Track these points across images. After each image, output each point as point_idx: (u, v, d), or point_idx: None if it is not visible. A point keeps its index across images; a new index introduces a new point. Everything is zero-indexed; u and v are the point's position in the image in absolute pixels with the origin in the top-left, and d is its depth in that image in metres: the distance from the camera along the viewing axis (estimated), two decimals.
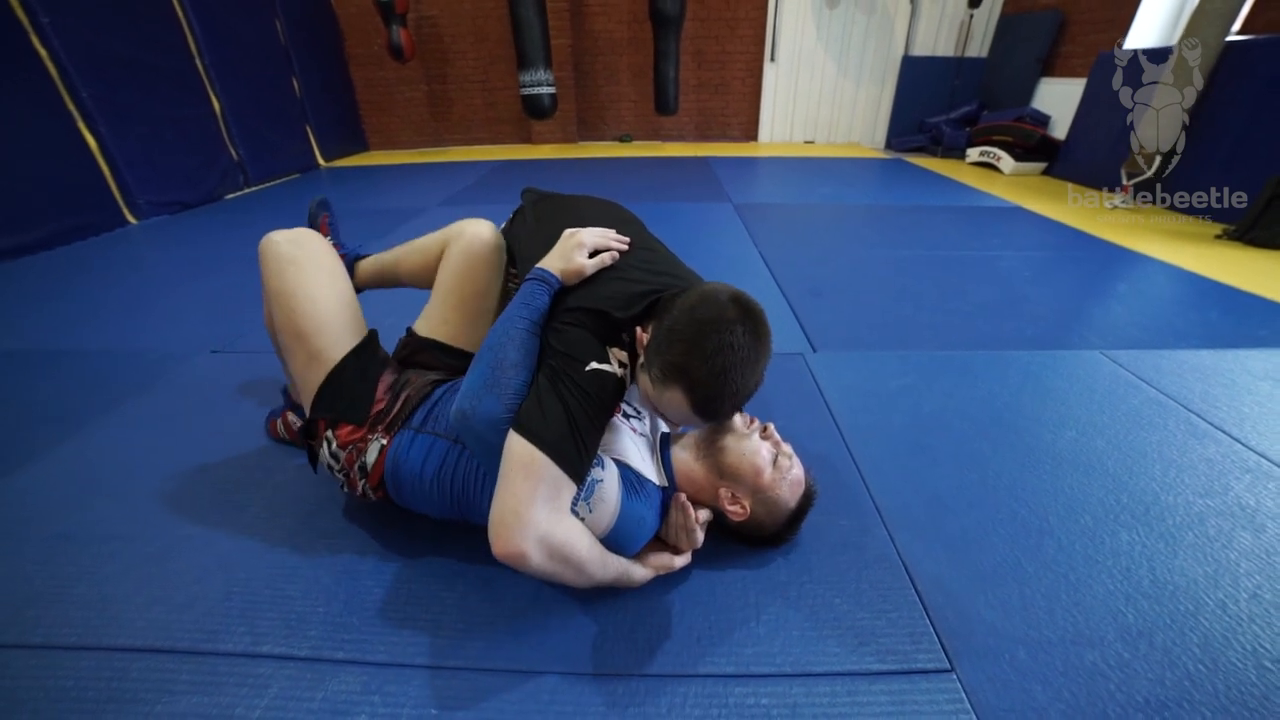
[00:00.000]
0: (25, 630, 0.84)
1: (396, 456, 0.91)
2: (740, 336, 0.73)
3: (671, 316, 0.77)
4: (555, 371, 0.78)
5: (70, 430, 1.33)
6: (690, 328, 0.74)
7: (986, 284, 2.22)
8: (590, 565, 0.78)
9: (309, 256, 0.98)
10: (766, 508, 0.91)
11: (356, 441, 0.94)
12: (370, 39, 5.45)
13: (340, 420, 0.94)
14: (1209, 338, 1.77)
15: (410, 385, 0.99)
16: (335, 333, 0.96)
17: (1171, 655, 0.80)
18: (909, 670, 0.79)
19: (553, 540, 0.74)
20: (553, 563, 0.75)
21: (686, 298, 0.78)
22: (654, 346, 0.77)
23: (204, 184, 3.64)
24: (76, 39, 2.82)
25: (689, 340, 0.73)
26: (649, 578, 0.88)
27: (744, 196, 3.69)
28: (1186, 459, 1.22)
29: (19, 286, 2.27)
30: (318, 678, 0.77)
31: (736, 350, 0.73)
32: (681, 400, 0.76)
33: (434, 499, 0.92)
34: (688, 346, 0.73)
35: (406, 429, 0.93)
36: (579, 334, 0.81)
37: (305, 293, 0.95)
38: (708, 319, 0.74)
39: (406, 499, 0.94)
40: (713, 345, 0.72)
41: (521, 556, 0.72)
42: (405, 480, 0.91)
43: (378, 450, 0.92)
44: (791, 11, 5.55)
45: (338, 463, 0.95)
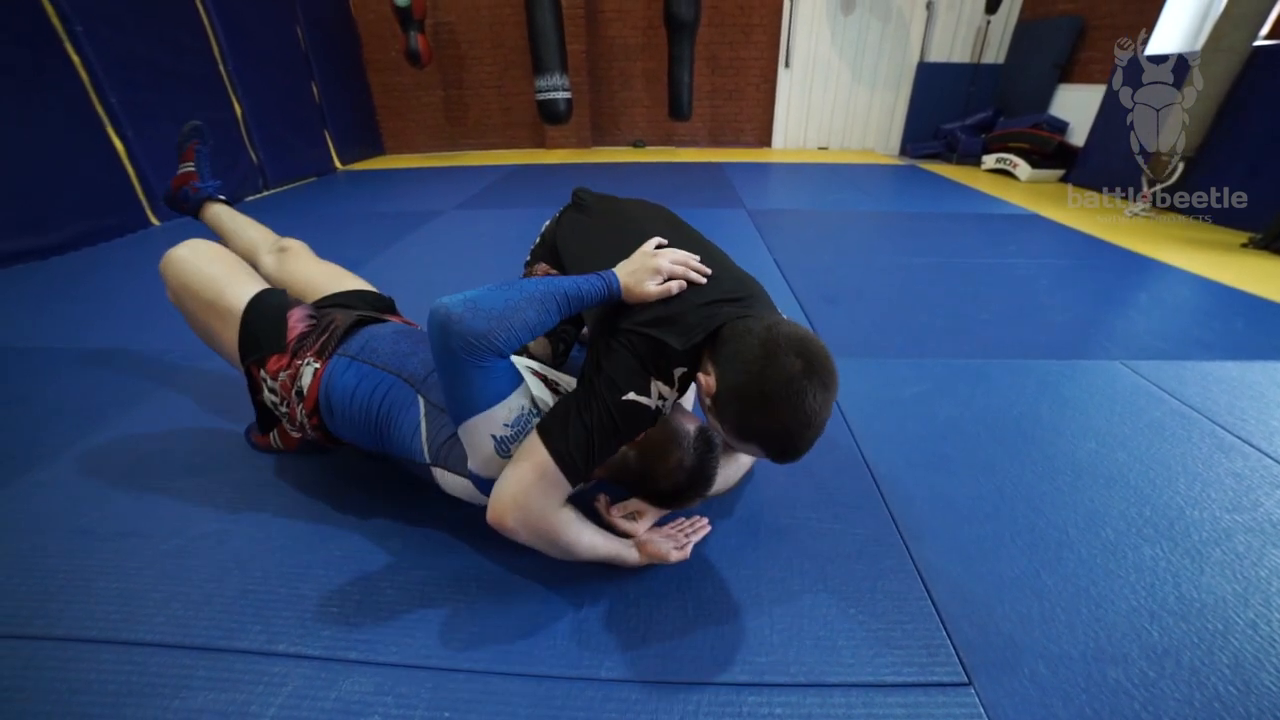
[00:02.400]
0: (49, 623, 0.85)
1: (330, 380, 0.98)
2: (811, 398, 0.72)
3: (738, 376, 0.74)
4: (593, 392, 0.80)
5: (91, 427, 1.36)
6: (764, 387, 0.72)
7: (1003, 292, 2.19)
8: (576, 549, 0.86)
9: (194, 248, 1.07)
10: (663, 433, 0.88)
11: (286, 368, 1.00)
12: (388, 45, 5.53)
13: (265, 355, 1.01)
14: (1235, 349, 1.73)
15: (336, 318, 1.07)
16: (236, 287, 1.05)
17: (1200, 675, 0.78)
18: (926, 683, 0.78)
19: (540, 526, 0.82)
20: (538, 539, 0.84)
21: (749, 347, 0.74)
22: (724, 406, 0.76)
23: (224, 186, 3.69)
24: (108, 46, 2.90)
25: (764, 401, 0.73)
26: (640, 562, 0.92)
27: (758, 202, 3.68)
28: (1213, 473, 1.19)
29: (46, 286, 2.32)
30: (331, 677, 0.78)
31: (808, 407, 0.72)
32: (761, 453, 0.78)
33: (360, 426, 0.97)
34: (764, 407, 0.73)
35: (342, 356, 1.00)
36: (627, 360, 0.80)
37: (199, 271, 1.04)
38: (779, 377, 0.72)
39: (338, 425, 0.99)
40: (789, 407, 0.72)
41: (510, 531, 0.81)
42: (337, 404, 0.97)
43: (311, 374, 0.99)
44: (806, 18, 5.55)
45: (276, 395, 1.01)
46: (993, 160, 4.74)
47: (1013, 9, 5.29)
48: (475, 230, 3.06)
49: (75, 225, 2.77)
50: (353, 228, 3.17)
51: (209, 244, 1.10)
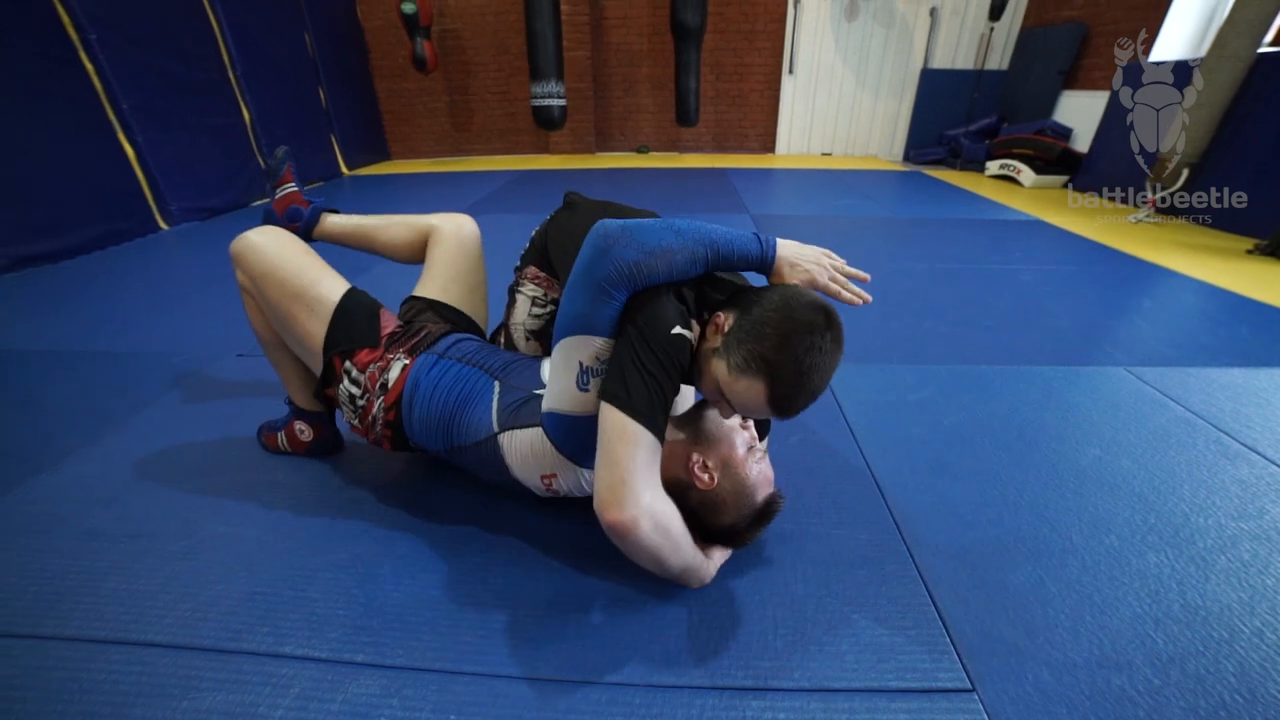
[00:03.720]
0: (60, 623, 0.86)
1: (418, 374, 0.99)
2: (827, 342, 0.76)
3: (762, 310, 0.78)
4: (639, 338, 0.79)
5: (100, 430, 1.37)
6: (785, 324, 0.76)
7: (1007, 298, 2.19)
8: (683, 543, 0.83)
9: (278, 237, 1.05)
10: (732, 485, 0.88)
11: (377, 361, 1.01)
12: (394, 51, 5.58)
13: (356, 348, 1.01)
14: (1240, 355, 1.73)
15: (430, 322, 1.10)
16: (329, 280, 1.04)
17: (1205, 684, 0.78)
18: (929, 689, 0.78)
19: (656, 510, 0.79)
20: (657, 534, 0.79)
21: (776, 295, 0.80)
22: (739, 336, 0.79)
23: (232, 191, 3.74)
24: (121, 54, 2.95)
25: (782, 336, 0.75)
26: (713, 574, 0.92)
27: (762, 208, 3.69)
28: (1218, 480, 1.18)
29: (57, 289, 2.35)
30: (338, 679, 0.78)
31: (822, 353, 0.75)
32: (760, 391, 0.77)
33: (435, 420, 0.97)
34: (779, 342, 0.75)
35: (431, 353, 1.02)
36: (669, 299, 0.81)
37: (289, 260, 1.03)
38: (801, 320, 0.76)
39: (415, 426, 1.00)
40: (804, 345, 0.75)
41: (634, 522, 0.76)
42: (420, 398, 0.98)
43: (400, 368, 1.00)
44: (810, 24, 5.58)
45: (359, 387, 1.01)
46: (996, 166, 4.74)
47: (1016, 15, 5.30)
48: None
49: (86, 229, 2.80)
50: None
51: (286, 232, 1.08)
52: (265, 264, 1.01)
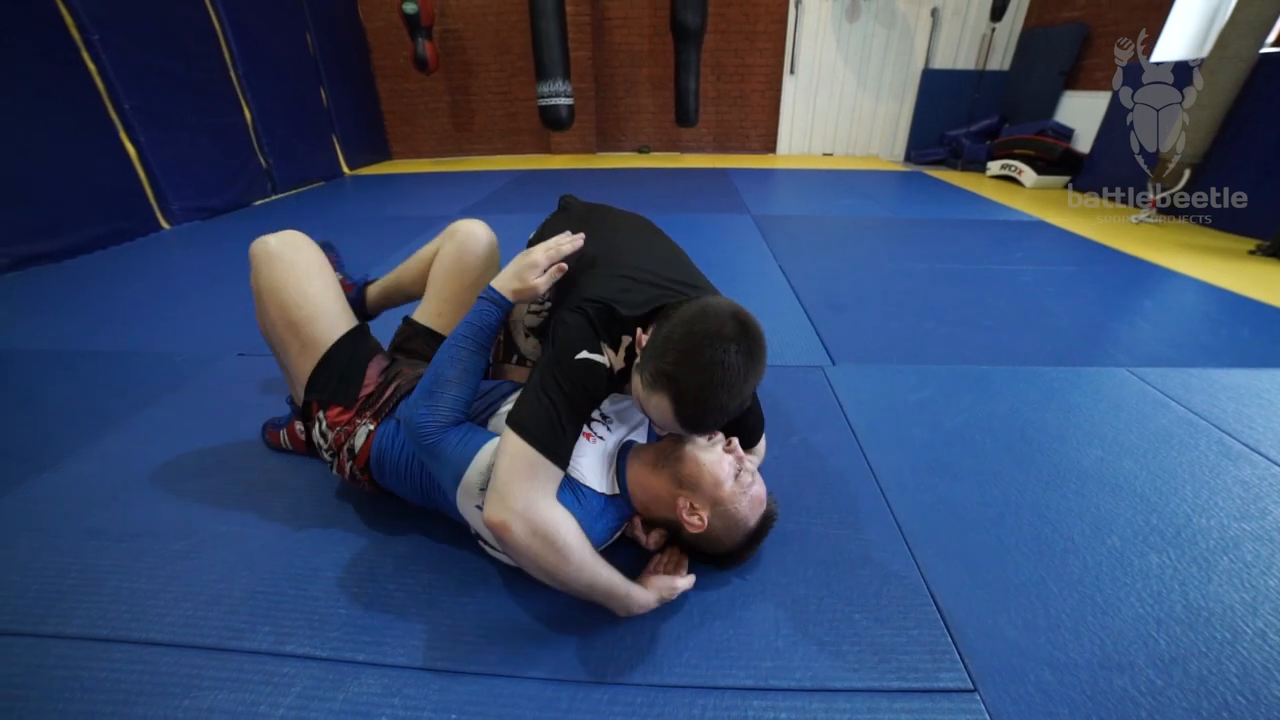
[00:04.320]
0: (62, 621, 0.86)
1: (382, 443, 0.98)
2: (733, 355, 0.73)
3: (670, 324, 0.78)
4: (548, 365, 0.81)
5: (101, 429, 1.37)
6: (686, 340, 0.74)
7: (1008, 298, 2.19)
8: (574, 554, 0.77)
9: (296, 253, 1.04)
10: (724, 522, 0.87)
11: (344, 424, 1.01)
12: (396, 51, 5.58)
13: (330, 402, 1.01)
14: (1242, 356, 1.72)
15: (401, 376, 1.05)
16: (326, 321, 1.02)
17: (1208, 685, 0.78)
18: (931, 689, 0.78)
19: (532, 516, 0.76)
20: (535, 540, 0.76)
21: (688, 308, 0.79)
22: (649, 351, 0.79)
23: (234, 191, 3.75)
24: (123, 54, 2.95)
25: (682, 351, 0.74)
26: (652, 603, 0.85)
27: (763, 208, 3.69)
28: (1220, 480, 1.18)
29: (58, 289, 2.35)
30: (339, 678, 0.78)
31: (727, 368, 0.73)
32: (667, 408, 0.77)
33: (411, 485, 0.97)
34: (680, 357, 0.74)
35: (392, 418, 1.00)
36: (578, 322, 0.83)
37: (295, 286, 1.01)
38: (704, 333, 0.74)
39: (389, 482, 1.00)
40: (704, 359, 0.73)
41: (503, 525, 0.75)
42: (389, 465, 0.98)
43: (365, 435, 1.00)
44: (811, 25, 5.58)
45: (326, 442, 1.02)
46: (998, 166, 4.74)
47: (1018, 16, 5.30)
48: None
49: (88, 229, 2.81)
50: (359, 232, 3.19)
51: (307, 244, 1.07)
52: (273, 281, 1.01)
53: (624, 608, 0.84)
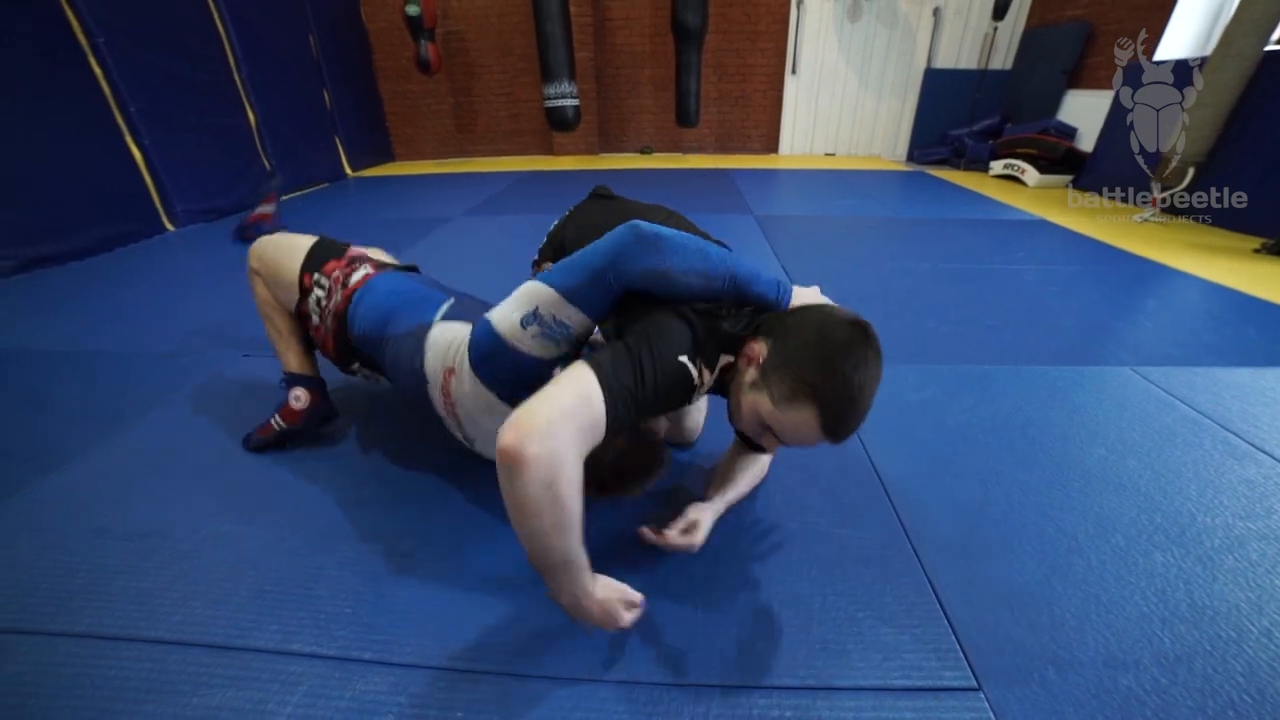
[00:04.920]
0: (72, 620, 0.87)
1: (378, 279, 1.11)
2: (870, 356, 0.74)
3: (801, 335, 0.76)
4: (649, 340, 0.76)
5: (108, 430, 1.38)
6: (825, 346, 0.74)
7: (1011, 298, 2.19)
8: (567, 524, 0.66)
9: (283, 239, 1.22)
10: None
11: (343, 267, 1.14)
12: (399, 53, 5.60)
13: (325, 260, 1.15)
14: (1246, 355, 1.72)
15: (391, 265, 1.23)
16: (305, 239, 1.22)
17: (1213, 684, 0.78)
18: (935, 687, 0.78)
19: (558, 465, 0.63)
20: (541, 488, 0.63)
21: (810, 316, 0.78)
22: (777, 364, 0.76)
23: (238, 192, 3.76)
24: (128, 57, 2.96)
25: (824, 359, 0.73)
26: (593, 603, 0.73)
27: (765, 208, 3.69)
28: (1225, 480, 1.18)
29: (64, 291, 2.37)
30: (346, 677, 0.79)
31: (868, 368, 0.73)
32: (812, 419, 0.74)
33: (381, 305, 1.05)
34: (823, 364, 0.73)
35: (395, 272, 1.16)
36: (681, 331, 0.79)
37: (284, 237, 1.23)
38: (842, 340, 0.74)
39: (360, 310, 1.07)
40: (850, 364, 0.72)
41: (522, 459, 0.62)
42: (373, 290, 1.08)
43: (363, 273, 1.13)
44: (813, 25, 5.58)
45: (324, 290, 1.13)
46: (1000, 166, 4.73)
47: (1020, 15, 5.29)
48: (484, 236, 3.09)
49: (93, 231, 2.82)
50: (363, 234, 3.19)
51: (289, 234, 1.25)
52: (269, 241, 1.21)
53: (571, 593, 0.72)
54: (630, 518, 1.04)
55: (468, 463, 1.25)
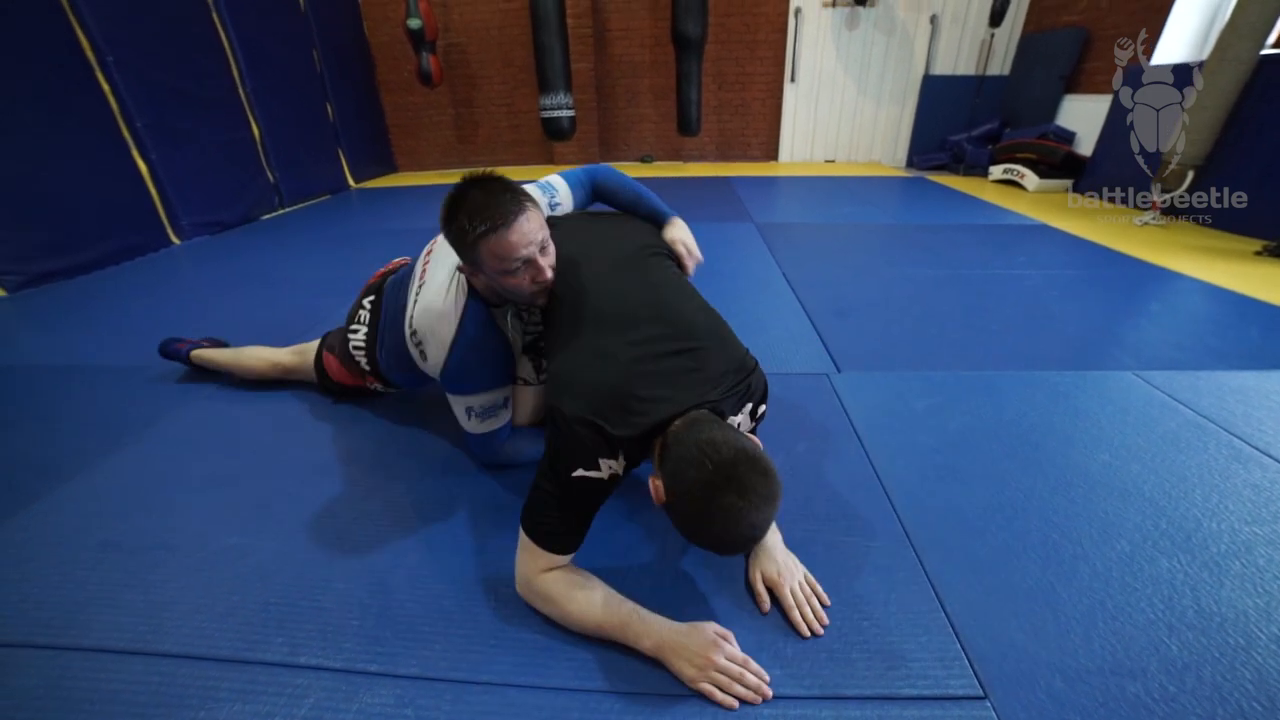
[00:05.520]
0: (80, 633, 0.88)
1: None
2: (748, 522, 0.72)
3: (683, 504, 0.74)
4: (549, 469, 0.86)
5: (116, 443, 1.40)
6: (697, 519, 0.74)
7: (1013, 303, 2.19)
8: (572, 604, 0.86)
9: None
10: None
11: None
12: (400, 65, 5.66)
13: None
14: (1250, 358, 1.72)
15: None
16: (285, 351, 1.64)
17: (1222, 691, 0.77)
18: (942, 696, 0.78)
19: (533, 589, 0.89)
20: (540, 602, 0.89)
21: (690, 480, 0.73)
22: (673, 517, 0.78)
23: (242, 205, 3.80)
24: (136, 74, 3.01)
25: (699, 526, 0.74)
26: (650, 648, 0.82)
27: (766, 216, 3.71)
28: (1230, 484, 1.18)
29: (72, 305, 2.39)
30: (352, 689, 0.79)
31: (743, 527, 0.72)
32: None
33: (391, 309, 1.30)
34: (699, 529, 0.75)
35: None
36: (572, 442, 0.83)
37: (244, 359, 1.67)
38: (716, 515, 0.72)
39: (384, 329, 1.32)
40: (722, 531, 0.73)
41: (521, 593, 0.92)
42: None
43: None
44: (811, 34, 5.62)
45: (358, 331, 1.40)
46: (1000, 171, 4.74)
47: (1017, 21, 5.32)
48: None
49: (100, 245, 2.86)
50: (366, 245, 3.23)
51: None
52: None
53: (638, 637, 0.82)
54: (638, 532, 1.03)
55: (472, 477, 1.26)
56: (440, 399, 1.58)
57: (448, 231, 0.97)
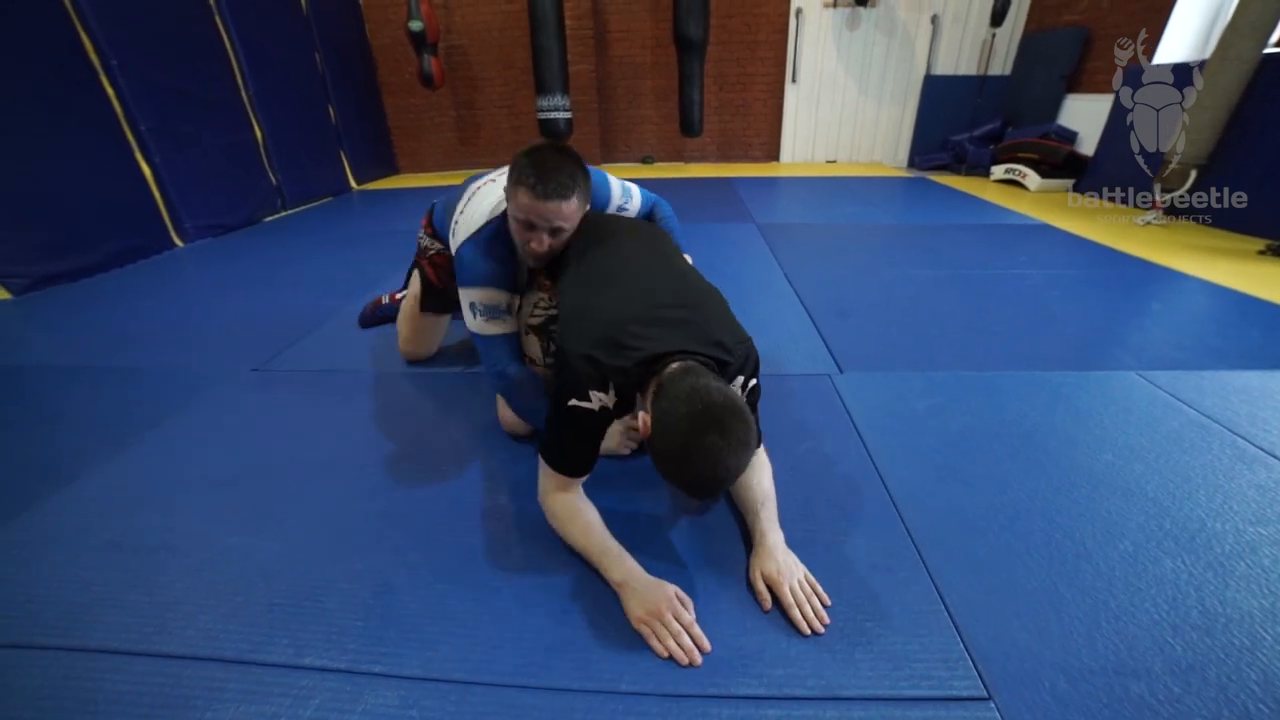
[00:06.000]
0: (85, 634, 0.88)
1: None
2: (724, 464, 0.78)
3: (668, 438, 0.80)
4: (554, 400, 0.96)
5: (120, 444, 1.40)
6: (679, 452, 0.79)
7: (1014, 303, 2.19)
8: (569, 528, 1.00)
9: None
10: None
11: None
12: (402, 67, 5.67)
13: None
14: (1253, 358, 1.71)
15: None
16: None
17: (1228, 692, 0.77)
18: (945, 697, 0.77)
19: (546, 504, 1.03)
20: (549, 516, 1.03)
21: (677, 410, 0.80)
22: (654, 453, 0.84)
23: (245, 208, 3.81)
24: (139, 77, 3.02)
25: (679, 461, 0.80)
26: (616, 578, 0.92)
27: (767, 216, 3.71)
28: (1235, 484, 1.17)
29: (76, 307, 2.40)
30: (357, 690, 0.79)
31: (718, 468, 0.79)
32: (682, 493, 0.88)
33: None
34: (679, 464, 0.80)
35: None
36: (569, 374, 0.93)
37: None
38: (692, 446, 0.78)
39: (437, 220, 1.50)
40: (699, 463, 0.78)
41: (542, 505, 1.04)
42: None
43: None
44: (812, 35, 5.62)
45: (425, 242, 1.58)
46: (1001, 171, 4.74)
47: (1018, 21, 5.32)
48: None
49: (104, 247, 2.87)
50: (368, 246, 3.24)
51: None
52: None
53: (609, 569, 0.94)
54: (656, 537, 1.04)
55: (478, 475, 1.26)
56: (443, 400, 1.59)
57: (515, 158, 1.10)
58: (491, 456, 1.33)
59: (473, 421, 1.47)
